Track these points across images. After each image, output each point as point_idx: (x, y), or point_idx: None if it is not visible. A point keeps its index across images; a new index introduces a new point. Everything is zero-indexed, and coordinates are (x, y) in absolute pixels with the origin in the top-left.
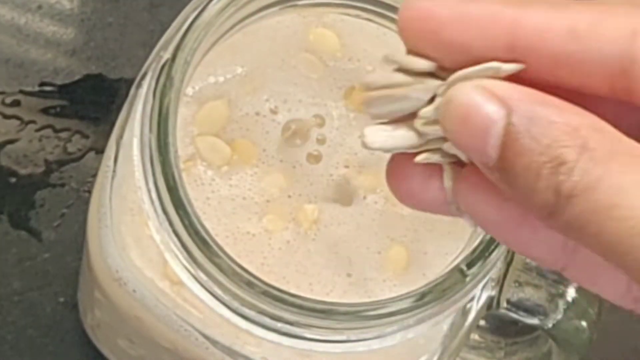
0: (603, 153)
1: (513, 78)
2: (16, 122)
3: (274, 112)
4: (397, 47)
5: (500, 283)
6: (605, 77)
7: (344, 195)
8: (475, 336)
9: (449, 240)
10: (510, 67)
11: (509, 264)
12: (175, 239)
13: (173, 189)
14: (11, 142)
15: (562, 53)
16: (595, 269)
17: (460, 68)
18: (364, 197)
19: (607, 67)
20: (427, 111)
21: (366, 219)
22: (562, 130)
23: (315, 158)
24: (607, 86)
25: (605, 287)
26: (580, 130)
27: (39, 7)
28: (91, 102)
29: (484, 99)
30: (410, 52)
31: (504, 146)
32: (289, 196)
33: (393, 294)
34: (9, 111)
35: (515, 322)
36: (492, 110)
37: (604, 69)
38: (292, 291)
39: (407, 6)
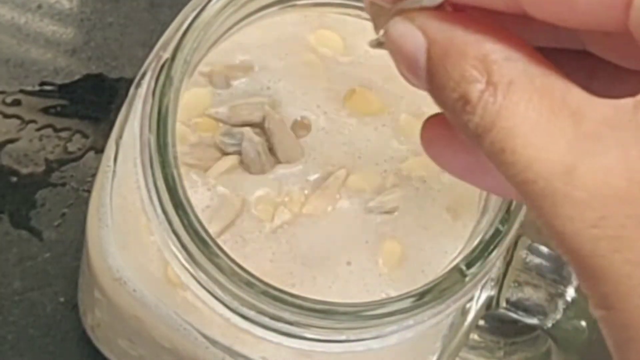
0: (503, 87)
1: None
2: (17, 122)
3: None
4: None
5: (500, 283)
6: (502, 3)
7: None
8: (474, 336)
9: (447, 239)
10: (429, 2)
11: (508, 263)
12: (174, 238)
13: (172, 189)
14: (12, 141)
15: None
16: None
17: None
18: (349, 196)
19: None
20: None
21: (355, 213)
22: (471, 64)
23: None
24: (508, 9)
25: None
26: (489, 59)
27: (39, 6)
28: (91, 101)
29: (408, 31)
30: None
31: (429, 78)
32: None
33: (391, 289)
34: (10, 111)
35: (514, 322)
36: (415, 41)
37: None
38: (298, 285)
39: None
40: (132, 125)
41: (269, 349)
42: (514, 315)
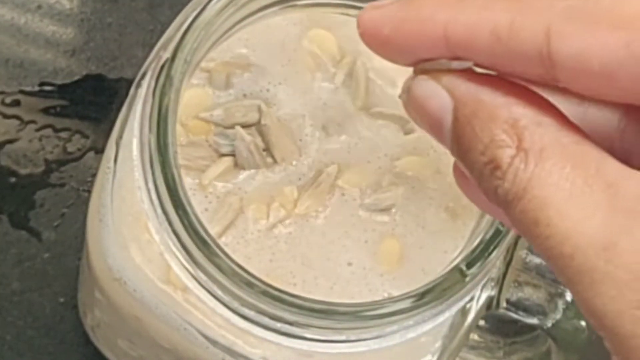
0: (535, 153)
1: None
2: (16, 122)
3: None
4: None
5: (500, 283)
6: (535, 72)
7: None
8: (474, 336)
9: (447, 238)
10: (457, 64)
11: (508, 263)
12: (174, 239)
13: (172, 189)
14: (11, 141)
15: (491, 54)
16: None
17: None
18: (343, 194)
19: (532, 65)
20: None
21: (351, 212)
22: (501, 127)
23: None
24: (542, 79)
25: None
26: (520, 123)
27: (39, 7)
28: (91, 102)
29: (433, 91)
30: None
31: (455, 139)
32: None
33: (393, 289)
34: (9, 111)
35: (514, 322)
36: (441, 102)
37: (530, 67)
38: (299, 285)
39: (358, 23)
40: (132, 125)
41: (269, 349)
42: (514, 315)
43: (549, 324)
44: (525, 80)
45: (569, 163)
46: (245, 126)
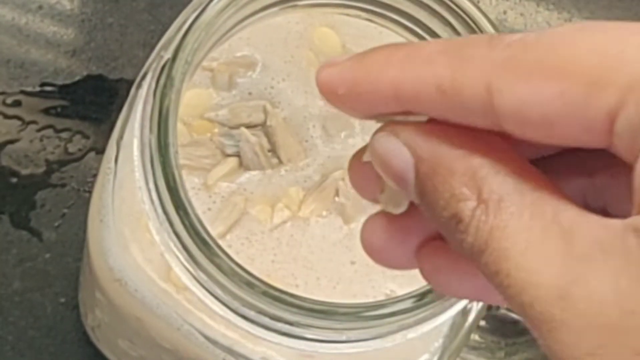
0: (493, 204)
1: None
2: (17, 123)
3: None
4: None
5: None
6: (484, 124)
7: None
8: (475, 336)
9: None
10: (413, 118)
11: None
12: (175, 239)
13: (173, 189)
14: (12, 142)
15: (440, 108)
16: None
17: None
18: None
19: (479, 119)
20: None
21: (354, 211)
22: (460, 180)
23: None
24: (491, 128)
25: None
26: (478, 174)
27: (40, 7)
28: (92, 102)
29: (394, 148)
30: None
31: (419, 194)
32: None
33: (395, 286)
34: (10, 111)
35: (515, 322)
36: (402, 159)
37: (478, 119)
38: (302, 287)
39: (317, 80)
40: (133, 125)
41: (270, 350)
42: (515, 316)
43: None
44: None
45: (527, 211)
46: (250, 127)
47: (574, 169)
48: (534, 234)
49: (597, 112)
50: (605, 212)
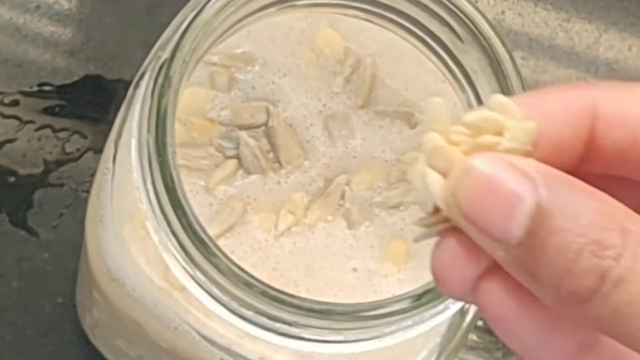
0: None
1: (577, 154)
2: (15, 122)
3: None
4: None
5: None
6: None
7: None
8: (473, 336)
9: None
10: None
11: None
12: (173, 239)
13: (171, 189)
14: (10, 141)
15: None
16: None
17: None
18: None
19: None
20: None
21: (359, 217)
22: (600, 212)
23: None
24: None
25: None
26: (617, 214)
27: (38, 7)
28: (90, 102)
29: (509, 173)
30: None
31: (535, 224)
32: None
33: (397, 289)
34: (8, 111)
35: None
36: (520, 186)
37: None
38: (303, 294)
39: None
40: (131, 125)
41: (268, 350)
42: None
43: None
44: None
45: None
46: (252, 127)
47: None
48: None
49: None
50: None
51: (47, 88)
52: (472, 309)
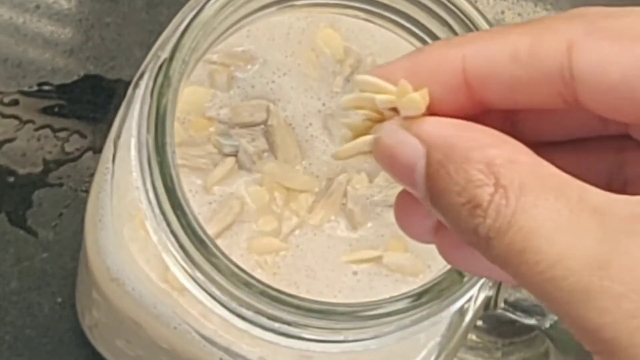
0: (514, 189)
1: (470, 104)
2: (15, 122)
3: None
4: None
5: (498, 283)
6: (554, 93)
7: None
8: (472, 336)
9: None
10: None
11: None
12: (172, 239)
13: (171, 189)
14: (9, 141)
15: (511, 78)
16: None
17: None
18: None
19: (553, 84)
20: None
21: (361, 217)
22: (477, 168)
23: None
24: (561, 101)
25: None
26: (495, 164)
27: (37, 6)
28: (89, 102)
29: (403, 138)
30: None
31: (428, 184)
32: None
33: (396, 291)
34: (8, 110)
35: (512, 323)
36: (412, 149)
37: (550, 86)
38: (303, 295)
39: (369, 73)
40: (131, 125)
41: (267, 349)
42: (512, 316)
43: (547, 325)
44: (539, 109)
45: (551, 195)
46: (250, 126)
47: (595, 153)
48: (562, 214)
49: None
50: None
51: (46, 88)
52: (472, 308)
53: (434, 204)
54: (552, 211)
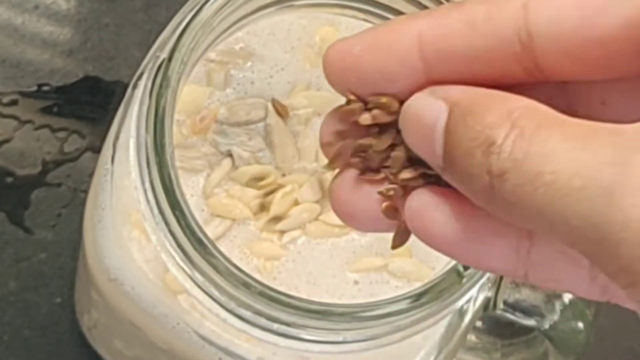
0: (531, 127)
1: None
2: (13, 122)
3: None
4: None
5: (497, 284)
6: (513, 60)
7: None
8: (471, 337)
9: None
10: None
11: None
12: (171, 239)
13: (169, 189)
14: (8, 141)
15: (467, 47)
16: (553, 267)
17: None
18: None
19: (510, 48)
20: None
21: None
22: (496, 115)
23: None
24: (520, 69)
25: (570, 283)
26: (513, 112)
27: (36, 7)
28: (88, 102)
29: (431, 100)
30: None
31: (447, 138)
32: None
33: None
34: (6, 111)
35: (511, 323)
36: (436, 109)
37: (508, 50)
38: None
39: (327, 51)
40: (129, 126)
41: (266, 350)
42: (511, 317)
43: (547, 326)
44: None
45: (568, 127)
46: (247, 124)
47: None
48: (578, 140)
49: None
50: None
51: (45, 88)
52: (471, 309)
53: (449, 161)
54: (568, 140)
